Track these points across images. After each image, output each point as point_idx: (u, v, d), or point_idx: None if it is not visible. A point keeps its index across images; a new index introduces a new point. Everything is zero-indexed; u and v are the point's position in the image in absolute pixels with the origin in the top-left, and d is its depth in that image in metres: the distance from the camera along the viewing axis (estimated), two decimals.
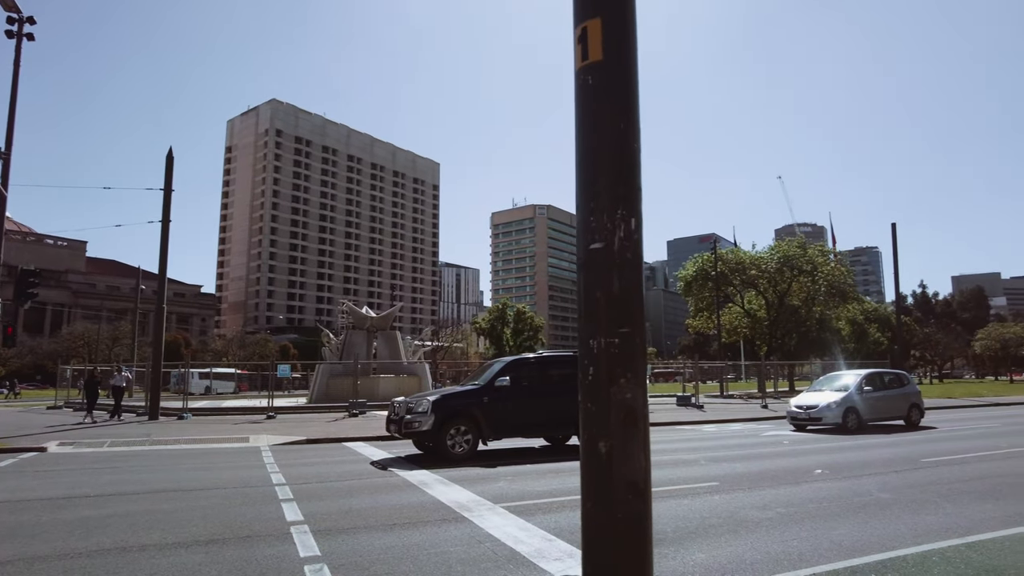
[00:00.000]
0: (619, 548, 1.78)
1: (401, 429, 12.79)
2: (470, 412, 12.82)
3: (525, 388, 13.55)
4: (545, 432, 14.28)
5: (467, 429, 12.64)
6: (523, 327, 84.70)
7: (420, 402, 12.77)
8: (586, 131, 1.99)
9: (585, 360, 1.89)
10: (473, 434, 12.69)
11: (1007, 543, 6.13)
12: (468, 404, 12.99)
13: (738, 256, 52.49)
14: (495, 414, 12.94)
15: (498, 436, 13.20)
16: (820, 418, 18.13)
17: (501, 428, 13.12)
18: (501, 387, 13.11)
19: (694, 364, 38.13)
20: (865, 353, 62.73)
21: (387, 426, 13.61)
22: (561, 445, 14.31)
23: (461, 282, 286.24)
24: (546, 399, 13.49)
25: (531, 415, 13.46)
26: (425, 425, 12.41)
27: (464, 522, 7.15)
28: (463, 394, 13.47)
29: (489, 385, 13.22)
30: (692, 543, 6.19)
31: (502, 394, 13.08)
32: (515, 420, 13.29)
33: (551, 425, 13.88)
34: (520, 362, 14.47)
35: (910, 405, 19.56)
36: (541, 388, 13.70)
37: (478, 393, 13.17)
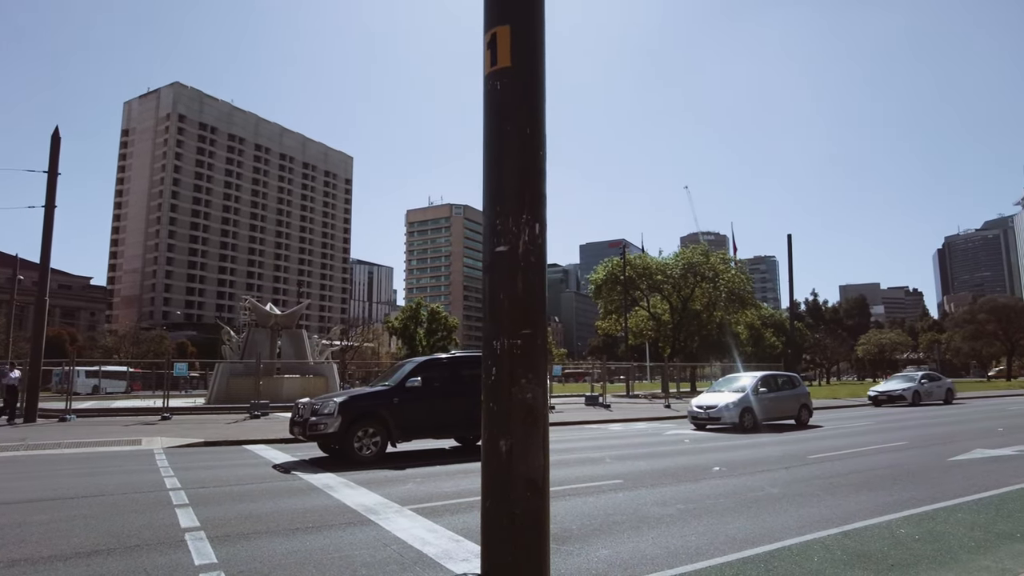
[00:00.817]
0: (518, 544, 1.81)
1: (306, 431, 12.34)
2: (379, 413, 12.55)
3: (436, 389, 13.36)
4: (457, 433, 14.18)
5: (375, 431, 12.33)
6: (437, 327, 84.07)
7: (326, 403, 12.38)
8: (494, 136, 2.01)
9: (488, 360, 1.91)
10: (382, 436, 12.40)
11: (876, 530, 6.66)
12: (377, 405, 12.71)
13: (646, 262, 54.40)
14: (405, 415, 12.71)
15: (408, 438, 13.02)
16: (719, 418, 18.93)
17: (411, 430, 12.94)
18: (412, 388, 12.89)
19: (602, 365, 39.15)
20: (761, 356, 66.50)
21: (290, 428, 13.13)
22: (472, 446, 14.29)
23: (374, 280, 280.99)
24: (458, 400, 13.35)
25: (442, 416, 13.30)
26: (331, 427, 12.04)
27: (370, 525, 7.02)
28: (372, 395, 13.17)
29: (399, 386, 12.97)
30: (597, 539, 6.35)
31: (413, 395, 12.86)
32: (426, 421, 13.11)
33: (463, 426, 13.76)
34: (432, 362, 14.31)
35: (800, 405, 20.71)
36: (453, 388, 13.55)
37: (388, 394, 12.90)
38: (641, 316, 55.69)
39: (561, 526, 6.87)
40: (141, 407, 27.97)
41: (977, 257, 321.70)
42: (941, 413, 25.37)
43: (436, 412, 13.21)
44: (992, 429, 17.97)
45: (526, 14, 2.02)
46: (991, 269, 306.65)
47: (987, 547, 6.06)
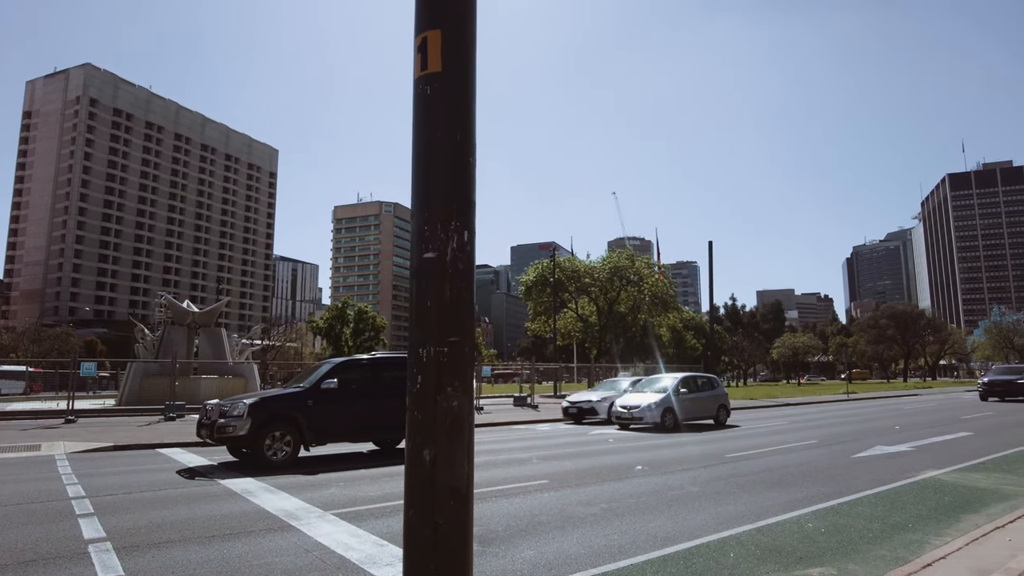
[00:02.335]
0: (441, 554, 1.80)
1: (213, 434, 11.76)
2: (292, 416, 12.05)
3: (354, 391, 12.97)
4: (375, 436, 13.87)
5: (287, 434, 11.86)
6: (364, 327, 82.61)
7: (236, 405, 11.85)
8: (422, 141, 1.99)
9: (414, 368, 1.90)
10: (295, 439, 11.94)
11: (787, 525, 7.02)
12: (290, 407, 12.22)
13: (574, 265, 55.29)
14: (320, 418, 12.29)
15: (323, 441, 12.63)
16: (642, 417, 19.39)
17: (326, 433, 12.56)
18: (327, 389, 12.43)
19: (531, 366, 39.49)
20: (682, 358, 68.77)
21: (198, 431, 12.51)
22: (392, 449, 14.05)
23: (298, 278, 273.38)
24: (377, 402, 13.00)
25: (360, 419, 12.92)
26: (241, 430, 11.49)
27: (292, 531, 6.82)
28: (285, 397, 12.64)
29: (314, 387, 12.50)
30: (522, 540, 6.40)
31: (328, 397, 12.42)
32: (342, 424, 12.74)
33: (381, 429, 13.43)
34: (350, 363, 13.91)
35: (719, 406, 21.35)
36: (372, 390, 13.19)
37: (302, 396, 12.42)
38: (569, 318, 56.56)
39: (486, 528, 6.88)
40: (42, 409, 26.18)
41: (880, 266, 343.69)
42: (847, 413, 26.91)
43: (353, 415, 12.84)
44: (891, 427, 19.23)
45: (458, 19, 2.02)
46: (892, 278, 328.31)
47: (884, 537, 6.48)
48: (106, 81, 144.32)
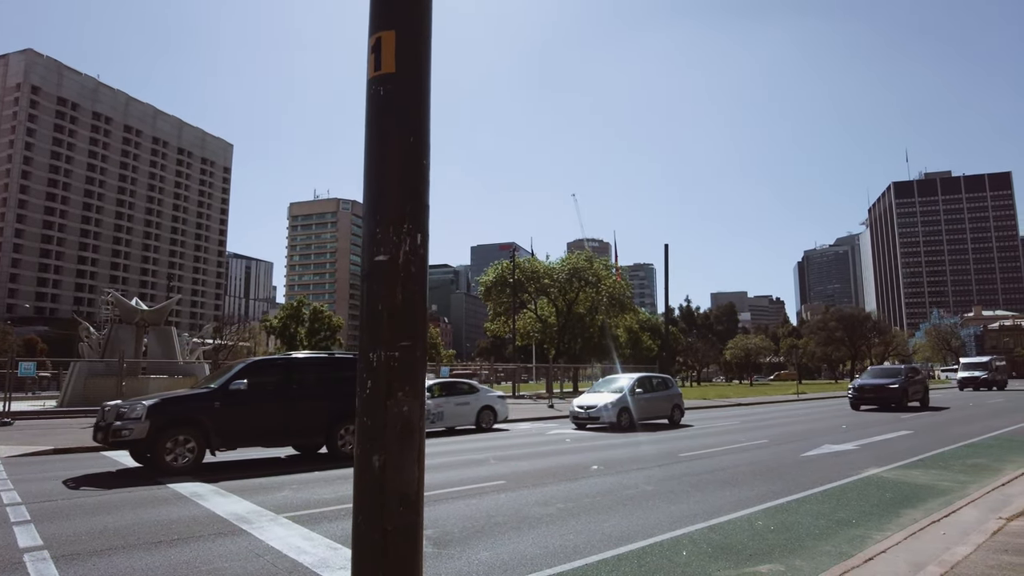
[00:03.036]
0: (390, 561, 1.79)
1: (108, 437, 11.02)
2: (196, 418, 11.33)
3: (269, 392, 12.37)
4: (290, 441, 13.11)
5: (190, 438, 11.13)
6: (320, 326, 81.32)
7: (134, 406, 11.16)
8: (375, 142, 1.97)
9: (364, 373, 1.87)
10: (198, 443, 11.21)
11: (738, 523, 7.18)
12: (194, 409, 11.50)
13: (534, 265, 55.49)
14: (228, 421, 11.58)
15: (231, 445, 11.92)
16: (598, 417, 19.49)
17: (235, 437, 11.84)
18: (237, 391, 11.71)
19: (490, 366, 39.51)
20: (638, 358, 69.70)
21: (94, 434, 11.72)
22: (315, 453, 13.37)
23: (252, 276, 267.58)
24: (292, 405, 12.43)
25: (272, 422, 12.24)
26: (137, 433, 10.77)
27: (242, 535, 6.67)
28: (189, 398, 11.99)
29: (223, 388, 11.78)
30: (478, 542, 6.39)
31: (238, 398, 11.71)
32: (253, 428, 12.05)
33: (296, 434, 12.75)
34: (263, 363, 13.37)
35: (673, 406, 21.65)
36: (287, 392, 12.53)
37: (208, 397, 11.71)
38: (528, 318, 56.73)
39: (442, 530, 6.86)
40: None
41: (829, 270, 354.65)
42: (796, 413, 27.67)
43: (265, 418, 12.20)
44: (837, 427, 19.86)
45: (413, 20, 2.00)
46: (840, 281, 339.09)
47: (829, 534, 6.69)
48: (49, 68, 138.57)
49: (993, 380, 51.08)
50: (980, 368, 53.00)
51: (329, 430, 12.80)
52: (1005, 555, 5.55)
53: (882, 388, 27.38)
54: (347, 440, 12.78)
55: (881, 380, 28.20)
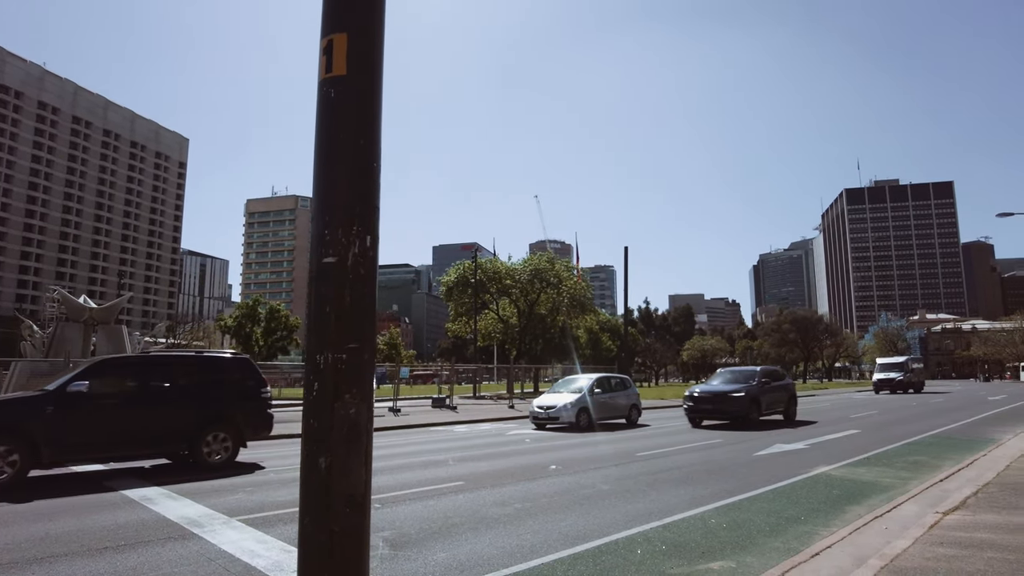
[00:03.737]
0: (336, 562, 1.79)
1: None
2: (20, 426, 9.72)
3: (118, 396, 10.99)
4: (146, 451, 11.48)
5: (14, 449, 9.49)
6: (276, 326, 79.83)
7: None
8: (325, 144, 1.96)
9: (311, 375, 1.87)
10: (23, 456, 9.55)
11: (692, 521, 7.33)
12: (18, 416, 9.94)
13: (496, 266, 55.50)
14: (64, 429, 10.06)
15: (67, 457, 10.39)
16: (557, 417, 19.62)
17: (72, 448, 10.27)
18: (76, 394, 10.22)
19: (451, 367, 39.38)
20: (598, 359, 70.42)
21: None
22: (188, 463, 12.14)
23: (207, 273, 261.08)
24: (152, 409, 11.19)
25: (123, 430, 10.81)
26: None
27: (194, 539, 6.52)
28: (13, 402, 10.53)
29: (59, 391, 10.27)
30: (435, 543, 6.38)
31: (78, 403, 10.23)
32: (96, 436, 10.50)
33: (154, 441, 11.24)
34: (113, 362, 12.02)
35: (631, 406, 21.93)
36: (145, 396, 11.20)
37: (39, 401, 10.20)
38: (490, 319, 56.71)
39: (399, 531, 6.82)
40: None
41: (784, 274, 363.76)
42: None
43: (115, 425, 10.75)
44: (789, 426, 20.38)
45: (366, 23, 2.00)
46: (794, 285, 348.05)
47: (779, 530, 6.89)
48: None
49: (909, 382, 48.65)
50: (895, 369, 50.08)
51: (193, 438, 11.36)
52: (940, 548, 5.80)
53: (723, 398, 20.22)
54: (214, 449, 11.54)
55: (724, 387, 20.90)
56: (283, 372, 58.62)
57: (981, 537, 6.16)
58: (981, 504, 7.78)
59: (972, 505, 7.72)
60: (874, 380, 49.98)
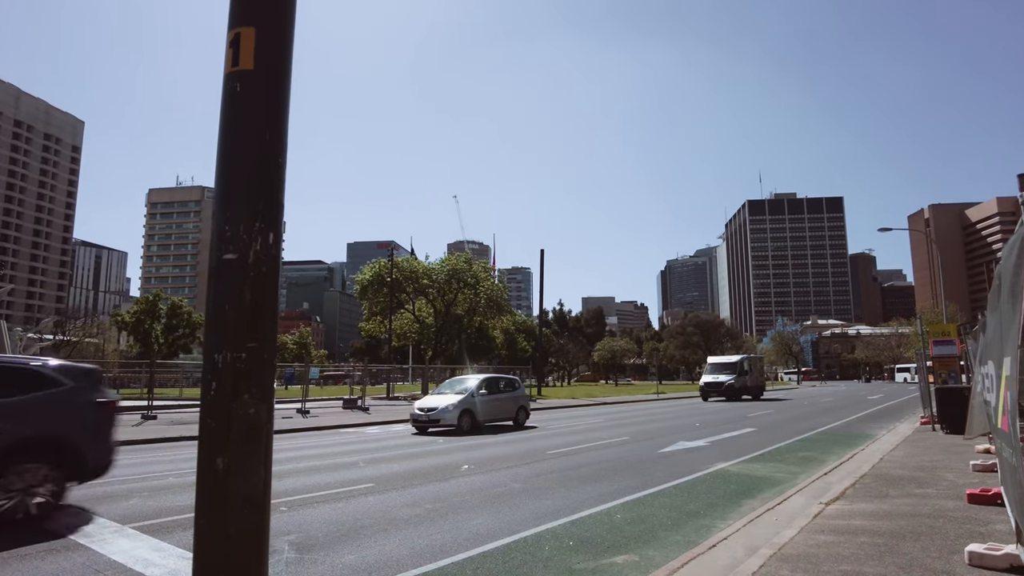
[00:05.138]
0: (233, 565, 1.76)
1: None
2: None
3: None
4: None
5: None
6: (178, 323, 75.68)
7: None
8: (229, 139, 1.92)
9: (208, 375, 1.82)
10: None
11: (598, 517, 7.56)
12: None
13: (412, 265, 54.96)
14: None
15: None
16: (439, 420, 18.69)
17: None
18: None
19: (364, 367, 38.64)
20: (514, 359, 71.04)
21: None
22: None
23: (102, 266, 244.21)
24: None
25: None
26: None
27: (79, 550, 6.11)
28: None
29: None
30: (343, 545, 6.28)
31: None
32: None
33: None
34: None
35: (519, 407, 21.30)
36: None
37: None
38: (406, 319, 56.06)
39: (306, 534, 6.67)
40: None
41: (689, 279, 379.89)
42: (655, 412, 29.37)
43: None
44: (692, 424, 21.35)
45: (275, 17, 1.96)
46: (699, 290, 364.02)
47: (680, 524, 7.22)
48: None
49: (744, 387, 40.07)
50: (727, 370, 40.69)
51: None
52: (821, 535, 6.27)
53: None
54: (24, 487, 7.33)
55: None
56: (185, 371, 55.73)
57: (856, 524, 6.69)
58: (858, 494, 8.45)
59: (850, 495, 8.37)
60: (701, 384, 41.65)
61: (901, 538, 6.09)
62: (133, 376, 52.80)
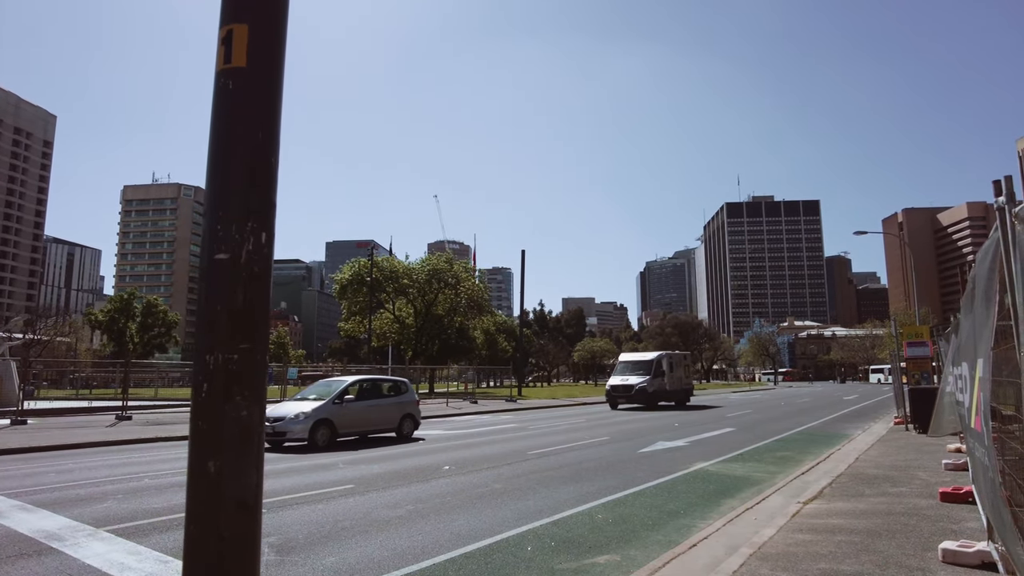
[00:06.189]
0: (225, 571, 1.74)
1: None
2: None
3: None
4: None
5: None
6: (154, 322, 74.63)
7: None
8: (221, 137, 1.90)
9: (200, 376, 1.80)
10: None
11: (580, 517, 7.58)
12: None
13: (393, 265, 54.71)
14: None
15: None
16: (284, 433, 14.91)
17: None
18: None
19: (343, 367, 38.37)
20: (494, 359, 71.02)
21: None
22: None
23: (75, 263, 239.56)
24: None
25: None
26: None
27: (52, 554, 5.99)
28: None
29: None
30: (323, 547, 6.23)
31: None
32: None
33: None
34: None
35: (403, 415, 17.87)
36: None
37: None
38: (386, 319, 55.78)
39: (286, 537, 6.60)
40: None
41: (668, 280, 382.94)
42: (637, 411, 29.52)
43: None
44: (671, 424, 21.50)
45: (268, 13, 1.94)
46: (677, 291, 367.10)
47: (661, 524, 7.27)
48: None
49: (661, 391, 32.35)
50: (640, 370, 32.43)
51: None
52: (800, 534, 6.36)
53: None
54: None
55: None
56: (161, 371, 54.90)
57: (833, 523, 6.80)
58: (835, 493, 8.58)
59: (827, 495, 8.49)
60: (607, 387, 33.63)
61: (877, 536, 6.20)
62: (107, 376, 51.90)
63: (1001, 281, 3.56)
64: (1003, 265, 3.45)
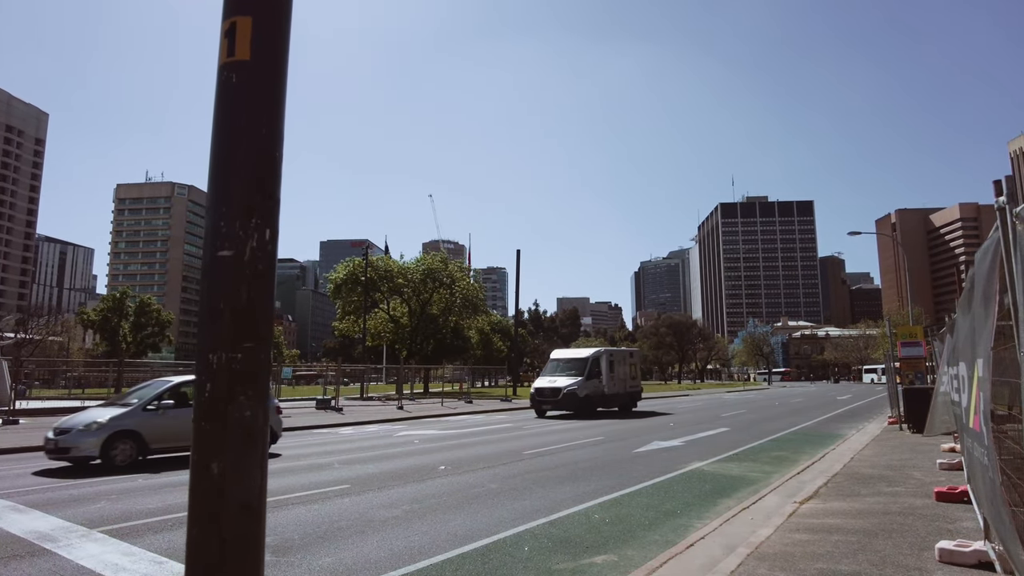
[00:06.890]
0: (228, 572, 1.71)
1: None
2: None
3: None
4: None
5: None
6: (147, 321, 74.26)
7: None
8: (224, 131, 1.86)
9: (202, 375, 1.76)
10: None
11: (576, 517, 7.57)
12: None
13: (387, 264, 54.62)
14: None
15: None
16: (68, 449, 11.53)
17: None
18: None
19: (337, 367, 38.26)
20: (489, 359, 70.94)
21: None
22: None
23: (67, 262, 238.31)
24: None
25: None
26: None
27: (45, 555, 5.93)
28: None
29: None
30: (320, 548, 6.19)
31: None
32: None
33: None
34: None
35: None
36: None
37: None
38: (380, 318, 55.66)
39: (282, 537, 6.56)
40: None
41: (662, 280, 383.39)
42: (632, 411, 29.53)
43: None
44: (666, 424, 21.52)
45: (271, 6, 1.91)
46: (672, 291, 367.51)
47: (657, 524, 7.26)
48: None
49: (598, 395, 26.87)
50: (572, 370, 27.13)
51: None
52: (797, 533, 6.36)
53: None
54: None
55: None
56: (154, 371, 54.54)
57: (830, 523, 6.80)
58: (831, 493, 8.59)
59: (823, 494, 8.50)
60: (532, 390, 28.15)
61: (874, 536, 6.21)
62: (100, 376, 51.59)
63: (1001, 281, 3.56)
64: (1003, 265, 3.45)
